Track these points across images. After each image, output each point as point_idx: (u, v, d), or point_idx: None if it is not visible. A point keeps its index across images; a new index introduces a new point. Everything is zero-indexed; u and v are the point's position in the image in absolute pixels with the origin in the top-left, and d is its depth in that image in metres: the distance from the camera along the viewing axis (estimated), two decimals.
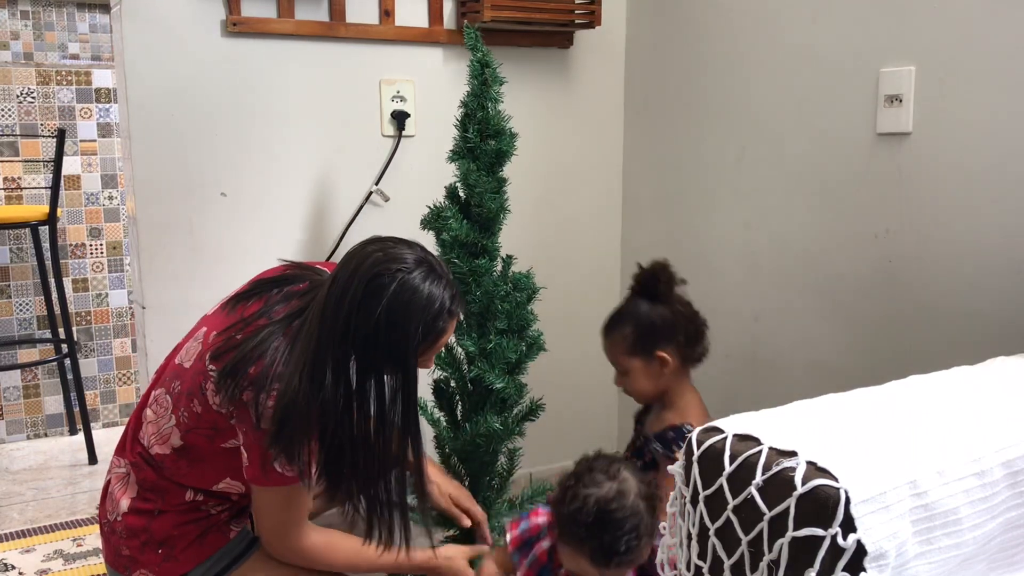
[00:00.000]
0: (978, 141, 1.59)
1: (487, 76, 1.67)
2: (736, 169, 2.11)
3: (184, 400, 1.44)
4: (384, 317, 1.32)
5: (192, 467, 1.46)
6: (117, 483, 1.53)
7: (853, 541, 0.85)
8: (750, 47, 2.04)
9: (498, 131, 1.67)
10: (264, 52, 2.02)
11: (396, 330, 1.32)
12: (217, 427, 1.42)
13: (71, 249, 3.22)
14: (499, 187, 1.69)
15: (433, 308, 1.35)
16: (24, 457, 3.02)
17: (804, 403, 1.11)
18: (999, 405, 1.11)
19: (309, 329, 1.35)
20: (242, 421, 1.38)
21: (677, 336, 1.65)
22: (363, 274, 1.33)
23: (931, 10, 1.65)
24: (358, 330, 1.32)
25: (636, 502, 1.35)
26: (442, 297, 1.36)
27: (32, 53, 3.10)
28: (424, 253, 1.40)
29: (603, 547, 1.34)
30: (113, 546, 1.51)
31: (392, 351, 1.34)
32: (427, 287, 1.35)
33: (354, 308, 1.32)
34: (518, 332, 1.72)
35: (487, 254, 1.69)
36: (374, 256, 1.35)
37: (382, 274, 1.32)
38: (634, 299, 1.68)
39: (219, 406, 1.39)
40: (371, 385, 1.35)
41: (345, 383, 1.33)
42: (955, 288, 1.64)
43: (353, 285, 1.32)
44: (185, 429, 1.44)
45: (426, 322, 1.35)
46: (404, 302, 1.33)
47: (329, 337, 1.33)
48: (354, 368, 1.33)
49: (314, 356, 1.33)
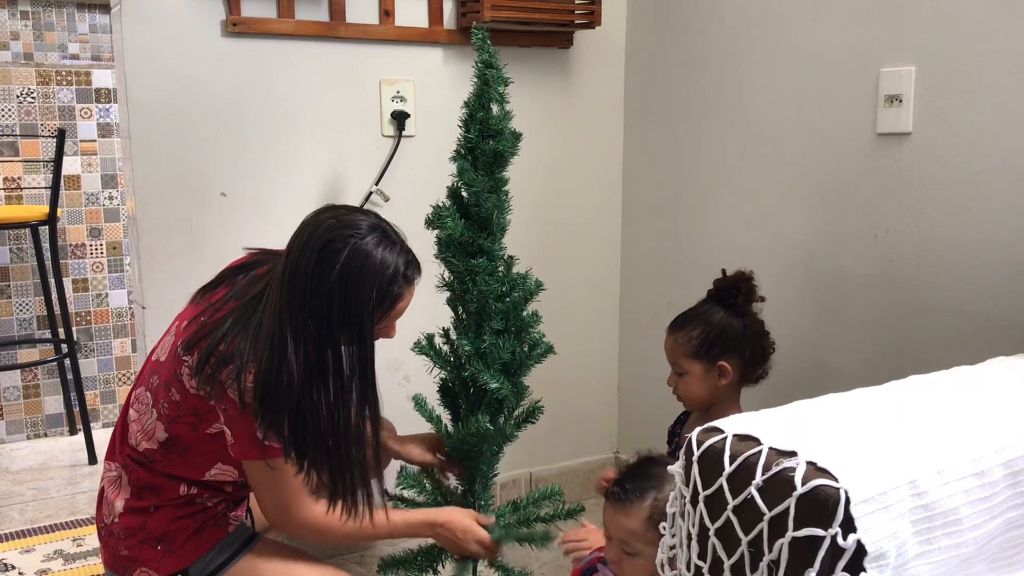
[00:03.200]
0: (978, 141, 1.59)
1: (489, 77, 1.67)
2: (736, 169, 2.11)
3: (163, 392, 1.46)
4: (337, 284, 1.33)
5: (182, 458, 1.47)
6: (110, 486, 1.53)
7: (853, 541, 0.85)
8: (750, 47, 2.04)
9: (498, 132, 1.67)
10: (264, 52, 2.02)
11: (350, 296, 1.34)
12: (197, 412, 1.43)
13: (71, 249, 3.22)
14: (496, 187, 1.68)
15: (387, 273, 1.36)
16: (24, 457, 3.02)
17: (804, 403, 1.11)
18: (999, 405, 1.11)
19: (271, 302, 1.37)
20: (221, 400, 1.39)
21: (744, 350, 1.65)
22: (316, 242, 1.34)
23: (931, 10, 1.65)
24: (313, 298, 1.33)
25: None
26: (396, 263, 1.38)
27: (32, 53, 3.10)
28: (378, 220, 1.41)
29: None
30: (111, 548, 1.51)
31: (347, 318, 1.35)
32: (380, 252, 1.36)
33: (308, 276, 1.33)
34: (516, 333, 1.72)
35: (485, 254, 1.68)
36: (327, 223, 1.36)
37: (334, 240, 1.34)
38: (709, 303, 1.69)
39: (196, 389, 1.41)
40: (329, 353, 1.36)
41: (305, 352, 1.34)
42: (955, 288, 1.64)
43: (307, 253, 1.34)
44: (168, 420, 1.45)
45: (380, 288, 1.36)
46: (357, 268, 1.34)
47: (288, 307, 1.34)
48: (313, 337, 1.34)
49: (279, 328, 1.34)
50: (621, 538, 1.36)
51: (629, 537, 1.35)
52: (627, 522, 1.34)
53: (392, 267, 1.37)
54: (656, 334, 2.35)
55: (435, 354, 1.77)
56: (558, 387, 2.27)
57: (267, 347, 1.35)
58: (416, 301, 2.15)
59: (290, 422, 1.36)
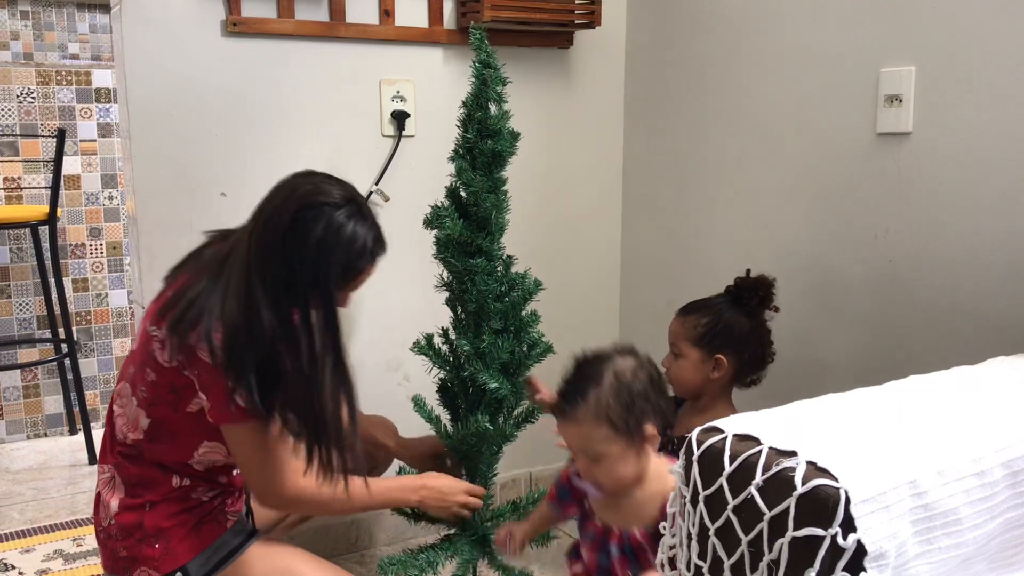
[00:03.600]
0: (978, 141, 1.59)
1: (487, 76, 1.67)
2: (736, 169, 2.11)
3: (139, 377, 1.47)
4: (311, 250, 1.36)
5: (169, 442, 1.48)
6: (105, 488, 1.53)
7: (853, 541, 0.85)
8: (750, 47, 2.04)
9: (496, 131, 1.67)
10: (264, 52, 2.02)
11: (320, 264, 1.37)
12: (175, 387, 1.44)
13: (71, 249, 3.22)
14: (495, 187, 1.68)
15: (355, 247, 1.40)
16: (24, 457, 3.02)
17: (804, 403, 1.11)
18: (999, 405, 1.11)
19: (239, 260, 1.40)
20: (194, 364, 1.40)
21: (745, 351, 1.68)
22: (291, 205, 1.37)
23: (931, 10, 1.65)
24: (285, 260, 1.36)
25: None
26: (365, 238, 1.41)
27: (32, 53, 3.10)
28: (353, 193, 1.44)
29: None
30: (110, 550, 1.51)
31: (316, 283, 1.37)
32: (352, 226, 1.39)
33: (280, 238, 1.36)
34: (515, 333, 1.72)
35: (483, 254, 1.68)
36: (304, 188, 1.40)
37: (310, 206, 1.37)
38: (724, 299, 1.71)
39: (169, 361, 1.42)
40: (298, 314, 1.38)
41: (275, 311, 1.36)
42: (955, 288, 1.64)
43: (281, 215, 1.37)
44: (148, 404, 1.46)
45: (348, 260, 1.40)
46: (329, 237, 1.37)
47: (258, 265, 1.37)
48: (283, 296, 1.37)
49: (247, 283, 1.37)
50: (580, 448, 1.37)
51: (586, 443, 1.35)
52: (578, 429, 1.35)
53: (361, 241, 1.41)
54: (656, 334, 2.35)
55: (434, 354, 1.77)
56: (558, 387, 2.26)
57: (235, 302, 1.37)
58: (415, 301, 2.16)
59: (259, 378, 1.37)
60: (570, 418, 1.35)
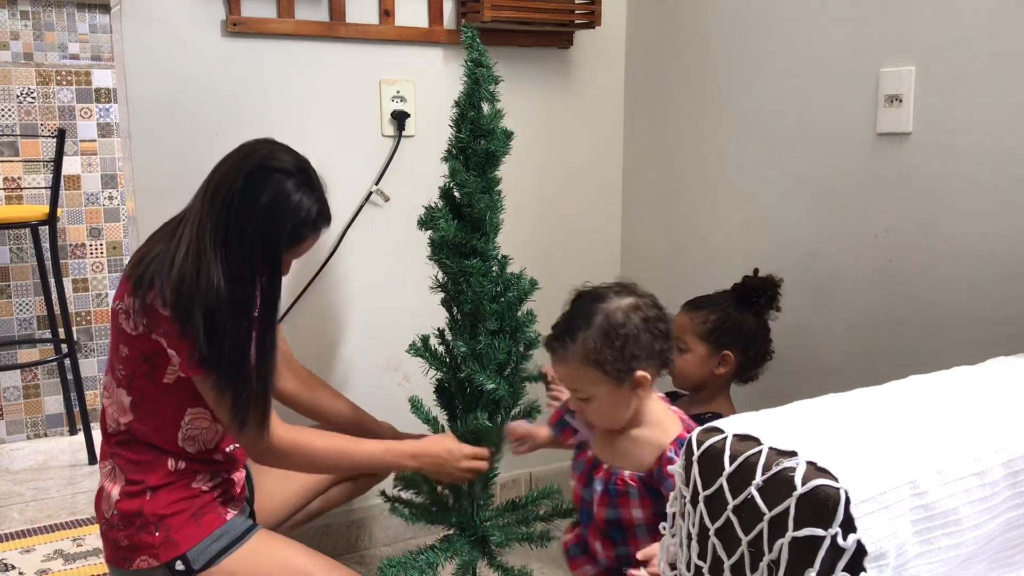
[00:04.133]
0: (978, 141, 1.59)
1: (479, 75, 1.67)
2: (736, 169, 2.11)
3: (115, 357, 1.52)
4: (260, 212, 1.44)
5: (155, 417, 1.51)
6: (106, 480, 1.56)
7: (853, 541, 0.85)
8: (750, 47, 2.04)
9: (489, 131, 1.67)
10: (264, 52, 2.02)
11: (265, 226, 1.44)
12: (146, 355, 1.48)
13: (71, 249, 3.22)
14: (489, 187, 1.68)
15: (299, 215, 1.47)
16: (24, 457, 3.02)
17: (804, 403, 1.11)
18: (999, 405, 1.11)
19: (192, 215, 1.47)
20: (157, 323, 1.44)
21: (750, 348, 1.71)
22: (244, 167, 1.46)
23: (931, 10, 1.65)
24: (234, 220, 1.43)
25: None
26: (310, 208, 1.48)
27: (32, 53, 3.10)
28: (305, 164, 1.52)
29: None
30: (112, 541, 1.52)
31: (262, 245, 1.44)
32: (299, 196, 1.47)
33: (231, 199, 1.44)
34: (511, 333, 1.71)
35: (478, 255, 1.68)
36: (260, 152, 1.48)
37: (264, 169, 1.45)
38: (730, 296, 1.73)
39: (135, 328, 1.46)
40: (243, 271, 1.44)
41: (222, 265, 1.43)
42: (955, 288, 1.64)
43: (234, 177, 1.45)
44: (127, 382, 1.50)
45: (292, 227, 1.47)
46: (277, 202, 1.45)
47: (210, 219, 1.44)
48: (230, 253, 1.44)
49: (198, 235, 1.44)
50: (570, 387, 1.38)
51: (575, 383, 1.36)
52: (567, 368, 1.36)
53: (305, 211, 1.47)
54: None
55: (430, 355, 1.77)
56: None
57: (186, 256, 1.43)
58: (415, 301, 2.16)
59: (206, 326, 1.41)
60: (560, 358, 1.36)
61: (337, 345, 2.20)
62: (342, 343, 2.20)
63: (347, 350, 2.21)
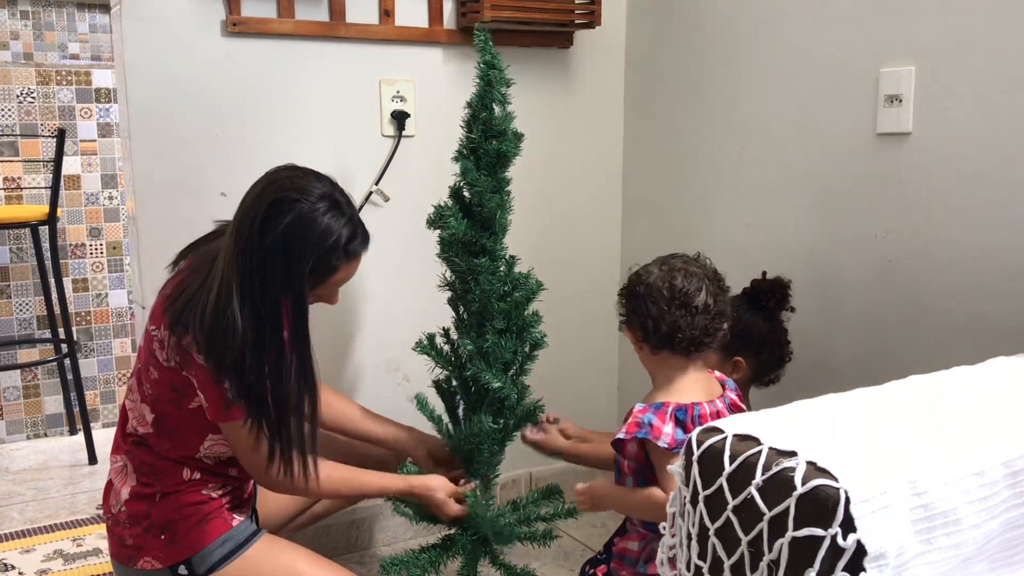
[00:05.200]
0: (978, 141, 1.59)
1: (492, 78, 1.68)
2: (736, 169, 2.11)
3: (144, 374, 1.49)
4: (279, 243, 1.36)
5: (175, 437, 1.50)
6: (117, 476, 1.56)
7: (853, 541, 0.85)
8: (750, 47, 2.04)
9: (501, 132, 1.67)
10: (264, 52, 2.02)
11: (287, 257, 1.37)
12: (175, 386, 1.45)
13: (71, 249, 3.22)
14: (499, 187, 1.69)
15: (327, 242, 1.39)
16: (24, 457, 3.02)
17: (804, 403, 1.11)
18: (999, 405, 1.11)
19: (224, 254, 1.41)
20: (189, 364, 1.41)
21: (762, 353, 1.69)
22: (266, 196, 1.39)
23: (931, 10, 1.65)
24: (255, 253, 1.36)
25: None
26: (339, 233, 1.40)
27: (32, 53, 3.10)
28: (333, 189, 1.44)
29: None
30: (117, 537, 1.53)
31: (285, 279, 1.37)
32: (325, 220, 1.39)
33: (254, 231, 1.37)
34: (518, 333, 1.72)
35: (487, 254, 1.69)
36: (281, 182, 1.41)
37: (283, 201, 1.37)
38: (742, 300, 1.71)
39: (167, 361, 1.43)
40: (268, 311, 1.38)
41: (248, 308, 1.37)
42: (955, 288, 1.64)
43: (255, 207, 1.38)
44: (152, 401, 1.48)
45: (318, 255, 1.39)
46: (299, 230, 1.37)
47: (234, 257, 1.38)
48: (256, 293, 1.37)
49: (225, 276, 1.38)
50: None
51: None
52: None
53: (334, 236, 1.40)
54: None
55: (436, 354, 1.77)
56: (558, 387, 2.27)
57: (216, 299, 1.38)
58: (415, 301, 2.16)
59: (236, 375, 1.38)
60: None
61: (336, 345, 2.20)
62: (341, 343, 2.20)
63: (347, 350, 2.21)
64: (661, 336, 1.44)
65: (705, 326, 1.43)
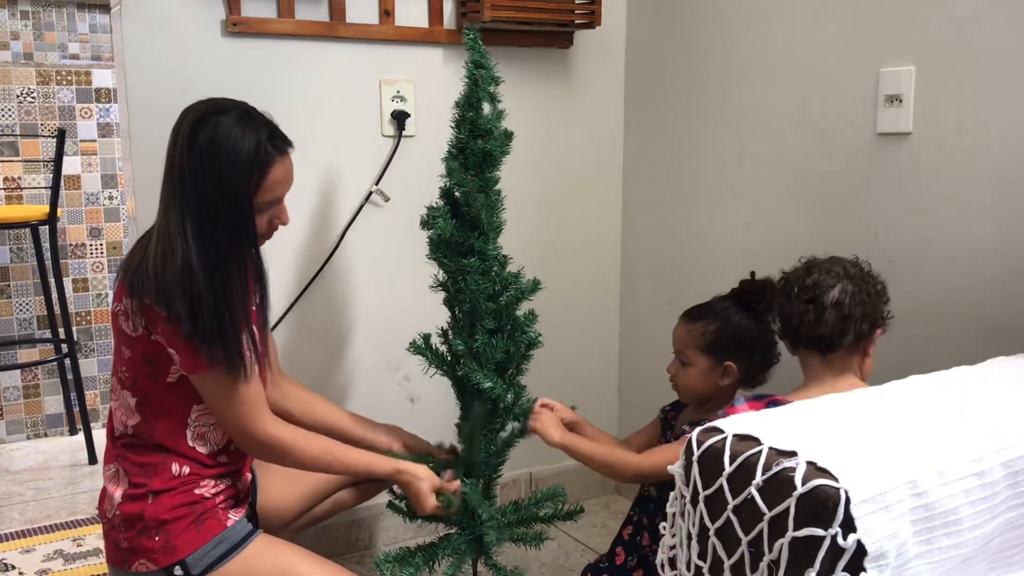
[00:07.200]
0: (978, 141, 1.59)
1: (478, 76, 1.67)
2: (736, 169, 2.11)
3: (117, 360, 1.52)
4: (206, 153, 1.43)
5: (161, 416, 1.51)
6: (110, 482, 1.56)
7: (853, 541, 0.85)
8: (750, 47, 2.04)
9: (487, 131, 1.67)
10: (264, 52, 2.02)
11: (219, 164, 1.43)
12: (148, 358, 1.48)
13: (71, 249, 3.22)
14: (486, 187, 1.68)
15: (253, 139, 1.46)
16: (24, 457, 3.02)
17: (804, 403, 1.11)
18: (999, 405, 1.11)
19: (161, 197, 1.47)
20: (155, 323, 1.44)
21: (753, 355, 1.68)
22: (186, 125, 1.46)
23: (931, 10, 1.65)
24: (187, 177, 1.43)
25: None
26: (259, 133, 1.48)
27: (32, 53, 3.10)
28: (249, 107, 1.52)
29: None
30: (112, 541, 1.53)
31: (221, 188, 1.43)
32: (245, 122, 1.47)
33: (184, 152, 1.44)
34: (509, 333, 1.71)
35: (477, 254, 1.68)
36: (196, 107, 1.49)
37: (200, 118, 1.46)
38: (730, 302, 1.70)
39: (134, 330, 1.47)
40: (215, 232, 1.43)
41: (193, 232, 1.42)
42: (955, 288, 1.64)
43: (178, 132, 1.46)
44: (131, 384, 1.51)
45: (249, 151, 1.45)
46: (223, 134, 1.44)
47: (170, 195, 1.44)
48: (197, 212, 1.43)
49: (165, 220, 1.44)
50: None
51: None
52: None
53: (259, 134, 1.47)
54: (656, 334, 2.35)
55: (430, 353, 1.77)
56: (558, 387, 2.26)
57: (158, 238, 1.43)
58: (415, 301, 2.16)
59: (192, 314, 1.41)
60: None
61: (337, 345, 2.20)
62: (342, 343, 2.20)
63: (347, 350, 2.21)
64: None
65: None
